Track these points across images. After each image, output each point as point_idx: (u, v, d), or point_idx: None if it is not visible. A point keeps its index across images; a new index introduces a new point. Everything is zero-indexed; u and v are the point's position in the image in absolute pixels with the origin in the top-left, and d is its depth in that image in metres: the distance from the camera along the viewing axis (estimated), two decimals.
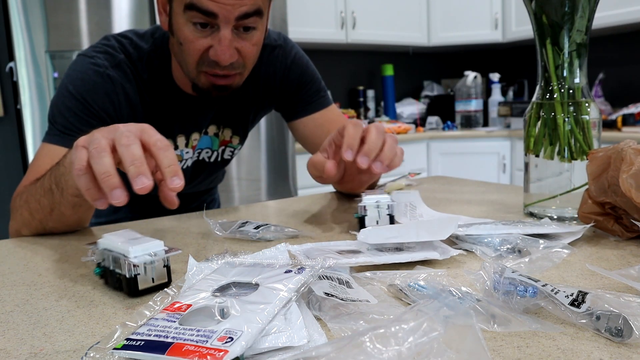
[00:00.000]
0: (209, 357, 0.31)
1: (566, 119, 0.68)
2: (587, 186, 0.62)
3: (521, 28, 3.18)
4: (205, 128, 0.99)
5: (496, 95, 3.38)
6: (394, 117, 3.41)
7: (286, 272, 0.43)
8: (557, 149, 0.69)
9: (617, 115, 2.63)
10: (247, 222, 0.70)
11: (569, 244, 0.57)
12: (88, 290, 0.50)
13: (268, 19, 0.86)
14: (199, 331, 0.34)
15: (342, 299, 0.40)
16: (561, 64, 0.68)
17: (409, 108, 3.50)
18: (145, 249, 0.47)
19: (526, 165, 0.73)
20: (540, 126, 0.70)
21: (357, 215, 0.68)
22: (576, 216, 0.66)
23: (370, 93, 3.47)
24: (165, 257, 0.48)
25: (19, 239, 0.75)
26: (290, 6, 2.70)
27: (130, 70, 0.88)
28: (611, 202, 0.59)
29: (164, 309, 0.38)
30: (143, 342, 0.33)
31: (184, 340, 0.33)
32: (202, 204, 1.21)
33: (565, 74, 0.69)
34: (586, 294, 0.38)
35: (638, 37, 2.96)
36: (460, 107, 3.38)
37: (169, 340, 0.33)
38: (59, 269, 0.58)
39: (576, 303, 0.37)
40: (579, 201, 0.63)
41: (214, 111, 0.98)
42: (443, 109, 3.48)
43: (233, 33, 0.78)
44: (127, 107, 0.88)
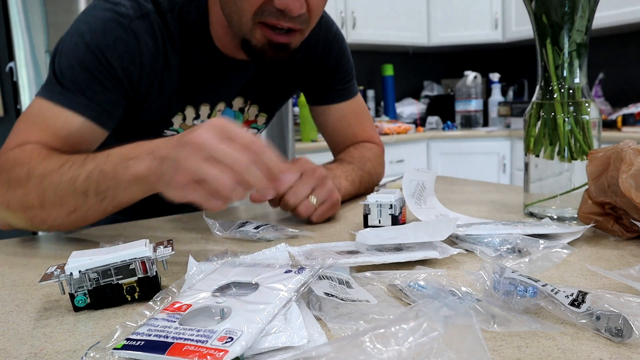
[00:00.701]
0: (209, 357, 0.31)
1: (566, 119, 0.68)
2: (587, 186, 0.62)
3: (521, 28, 3.18)
4: (233, 99, 0.88)
5: (496, 95, 3.38)
6: (394, 117, 3.41)
7: (286, 272, 0.43)
8: (557, 149, 0.69)
9: (617, 115, 2.62)
10: (247, 222, 0.70)
11: (568, 244, 0.57)
12: None
13: None
14: (198, 331, 0.34)
15: (342, 299, 0.40)
16: (561, 64, 0.68)
17: (409, 108, 3.50)
18: (143, 248, 0.46)
19: (526, 165, 0.73)
20: (540, 126, 0.70)
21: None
22: (576, 216, 0.66)
23: (370, 93, 3.47)
24: (160, 254, 0.47)
25: (19, 239, 0.74)
26: None
27: (157, 23, 0.75)
28: (611, 202, 0.59)
29: (164, 309, 0.38)
30: (143, 342, 0.33)
31: (184, 340, 0.33)
32: None
33: (565, 74, 0.69)
34: (586, 294, 0.38)
35: (638, 37, 2.96)
36: (460, 107, 3.38)
37: (169, 340, 0.33)
38: None
39: (576, 303, 0.37)
40: (579, 201, 0.63)
41: (249, 79, 0.86)
42: (443, 109, 3.48)
43: None
44: (149, 70, 0.76)
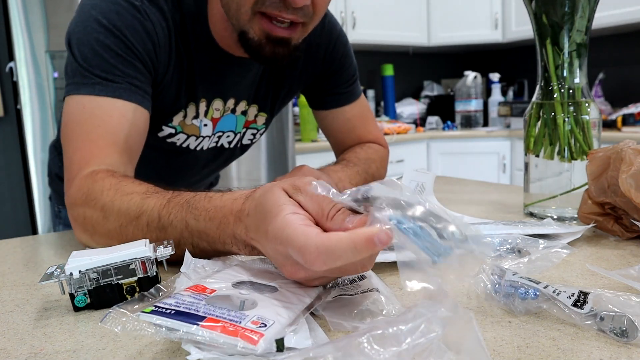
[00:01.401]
0: (246, 338, 0.29)
1: (566, 119, 0.68)
2: (587, 186, 0.62)
3: (521, 28, 3.18)
4: (235, 98, 0.85)
5: (496, 95, 3.38)
6: (394, 117, 3.41)
7: None
8: (557, 149, 0.69)
9: (617, 115, 2.62)
10: None
11: (568, 244, 0.57)
12: None
13: None
14: (230, 311, 0.32)
15: (351, 294, 0.40)
16: (561, 64, 0.68)
17: (409, 108, 3.50)
18: (142, 248, 0.46)
19: (526, 165, 0.73)
20: (540, 126, 0.70)
21: None
22: (576, 216, 0.66)
23: (370, 93, 3.47)
24: (160, 254, 0.46)
25: (19, 239, 0.74)
26: None
27: (166, 7, 0.71)
28: (611, 203, 0.59)
29: (187, 288, 0.36)
30: (174, 311, 0.31)
31: (217, 316, 0.31)
32: None
33: (565, 74, 0.69)
34: (587, 294, 0.38)
35: (638, 37, 2.96)
36: (460, 107, 3.38)
37: (200, 313, 0.31)
38: None
39: (578, 304, 0.37)
40: (579, 201, 0.63)
41: (248, 77, 0.83)
42: (443, 109, 3.48)
43: None
44: (164, 55, 0.72)
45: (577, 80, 0.69)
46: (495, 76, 3.41)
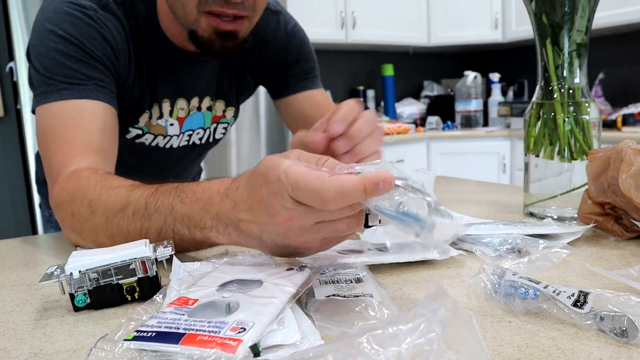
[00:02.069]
0: (224, 346, 0.30)
1: (566, 119, 0.68)
2: (587, 186, 0.62)
3: (521, 28, 3.18)
4: (198, 96, 0.88)
5: (496, 95, 3.38)
6: (394, 117, 3.41)
7: (288, 269, 0.43)
8: (557, 149, 0.69)
9: (617, 115, 2.62)
10: None
11: (568, 244, 0.57)
12: None
13: None
14: (209, 322, 0.33)
15: (344, 297, 0.40)
16: (561, 64, 0.68)
17: (409, 108, 3.50)
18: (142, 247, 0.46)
19: (526, 165, 0.73)
20: (540, 126, 0.70)
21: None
22: (576, 216, 0.66)
23: (371, 93, 3.47)
24: (160, 254, 0.46)
25: (19, 238, 0.74)
26: (291, 6, 2.70)
27: (120, 12, 0.74)
28: (611, 202, 0.59)
29: (170, 303, 0.37)
30: (154, 333, 0.33)
31: (196, 330, 0.32)
32: None
33: (565, 74, 0.69)
34: (587, 293, 0.38)
35: (638, 37, 2.96)
36: (460, 107, 3.38)
37: (180, 331, 0.32)
38: None
39: (579, 304, 0.37)
40: (579, 201, 0.63)
41: (207, 74, 0.86)
42: (443, 109, 3.48)
43: None
44: (124, 56, 0.75)
45: (577, 80, 0.69)
46: (495, 76, 3.41)
